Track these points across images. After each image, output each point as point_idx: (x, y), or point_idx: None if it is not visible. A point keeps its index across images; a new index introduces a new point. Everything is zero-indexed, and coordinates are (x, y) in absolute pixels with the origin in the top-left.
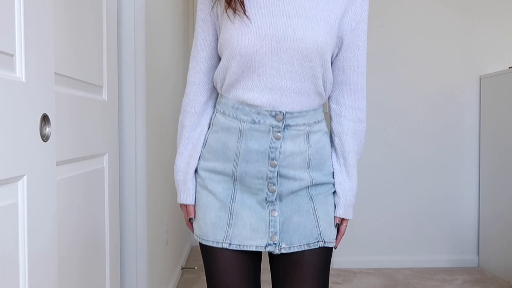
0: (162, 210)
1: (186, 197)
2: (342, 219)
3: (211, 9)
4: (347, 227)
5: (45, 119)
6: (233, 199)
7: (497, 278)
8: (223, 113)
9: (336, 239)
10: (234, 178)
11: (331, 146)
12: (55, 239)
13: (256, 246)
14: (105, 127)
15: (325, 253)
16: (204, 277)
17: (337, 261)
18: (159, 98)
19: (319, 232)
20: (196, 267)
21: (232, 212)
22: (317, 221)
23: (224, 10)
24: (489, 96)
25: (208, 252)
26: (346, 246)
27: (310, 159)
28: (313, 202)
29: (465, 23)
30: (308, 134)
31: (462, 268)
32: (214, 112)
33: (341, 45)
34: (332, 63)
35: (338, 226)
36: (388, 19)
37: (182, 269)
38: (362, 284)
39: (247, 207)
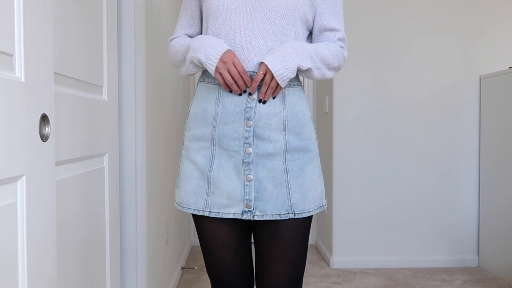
0: (162, 210)
1: (222, 44)
2: (265, 69)
3: None
4: None
5: (44, 119)
6: (211, 166)
7: (497, 278)
8: (203, 81)
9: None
10: (213, 142)
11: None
12: (54, 239)
13: (234, 214)
14: (105, 127)
15: (301, 226)
16: (204, 277)
17: (337, 261)
18: (159, 97)
19: (290, 204)
20: (196, 267)
21: (210, 181)
22: (289, 193)
23: None
24: (489, 96)
25: (198, 223)
26: (346, 246)
27: (286, 120)
28: (287, 175)
29: (465, 23)
30: (283, 96)
31: (462, 268)
32: (197, 84)
33: (315, 14)
34: (311, 33)
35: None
36: (387, 19)
37: (182, 269)
38: (362, 284)
39: (224, 174)
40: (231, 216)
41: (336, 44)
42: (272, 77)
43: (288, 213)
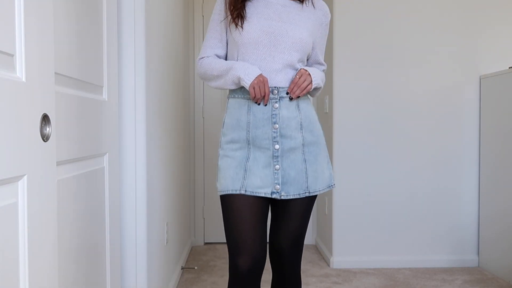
0: (162, 210)
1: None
2: (300, 73)
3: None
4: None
5: (45, 119)
6: (247, 159)
7: (497, 278)
8: (234, 97)
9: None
10: (248, 142)
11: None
12: (55, 239)
13: (265, 193)
14: (105, 127)
15: (309, 200)
16: (204, 277)
17: (337, 261)
18: (159, 98)
19: (307, 185)
20: (196, 267)
21: (246, 169)
22: (307, 177)
23: (228, 25)
24: (489, 96)
25: (227, 200)
26: (346, 246)
27: (301, 122)
28: (305, 164)
29: (465, 23)
30: (297, 104)
31: (462, 268)
32: (227, 100)
33: (312, 53)
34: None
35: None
36: (388, 19)
37: (182, 269)
38: (362, 284)
39: (257, 165)
40: (262, 195)
41: (323, 72)
42: (305, 79)
43: (305, 192)
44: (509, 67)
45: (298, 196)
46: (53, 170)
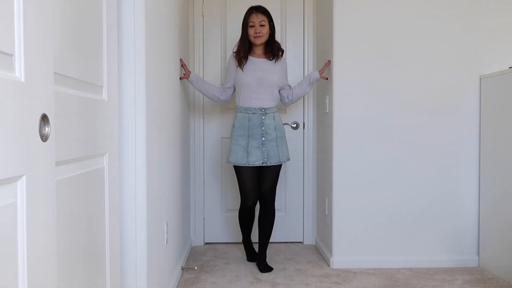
0: (162, 210)
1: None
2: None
3: (235, 68)
4: None
5: (44, 119)
6: (248, 146)
7: (497, 278)
8: (241, 112)
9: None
10: (248, 136)
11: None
12: (54, 240)
13: (258, 164)
14: (105, 127)
15: (279, 166)
16: (204, 277)
17: (337, 261)
18: (159, 98)
19: (279, 159)
20: (196, 267)
21: (248, 152)
22: (279, 154)
23: (236, 67)
24: (489, 96)
25: (240, 170)
26: (346, 246)
27: (275, 126)
28: (277, 147)
29: (465, 23)
30: (274, 116)
31: (462, 268)
32: (235, 113)
33: (281, 83)
34: (280, 91)
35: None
36: (388, 19)
37: (182, 269)
38: (362, 284)
39: (254, 148)
40: (257, 165)
41: (290, 89)
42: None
43: (279, 162)
44: (509, 67)
45: (274, 164)
46: (52, 170)
